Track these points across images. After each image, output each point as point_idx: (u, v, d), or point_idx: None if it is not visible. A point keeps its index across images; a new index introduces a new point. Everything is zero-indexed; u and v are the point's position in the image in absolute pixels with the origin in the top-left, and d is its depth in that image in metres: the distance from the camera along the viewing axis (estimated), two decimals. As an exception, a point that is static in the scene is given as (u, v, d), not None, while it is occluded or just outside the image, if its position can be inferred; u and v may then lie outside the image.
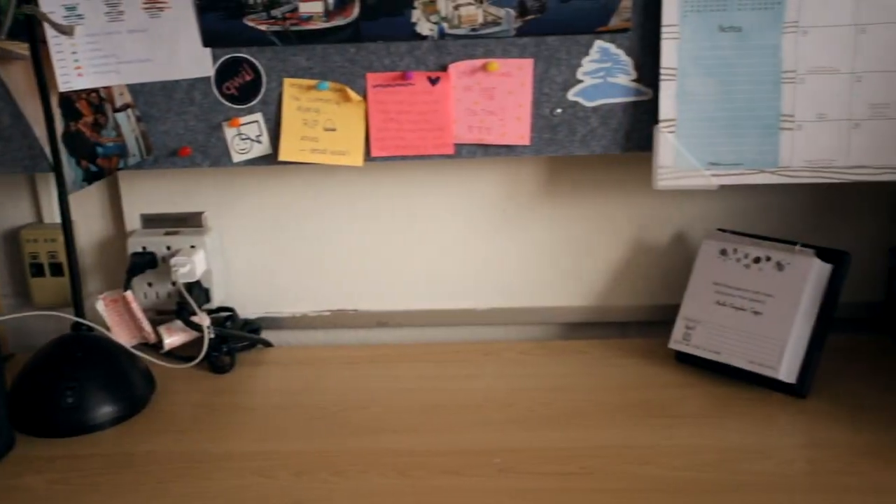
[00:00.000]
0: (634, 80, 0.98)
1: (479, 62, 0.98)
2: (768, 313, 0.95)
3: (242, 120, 1.02)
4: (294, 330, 1.16)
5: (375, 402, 0.98)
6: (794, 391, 0.94)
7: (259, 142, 1.03)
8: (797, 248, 0.96)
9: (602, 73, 0.98)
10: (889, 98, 0.94)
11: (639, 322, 1.13)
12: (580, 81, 0.98)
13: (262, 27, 0.98)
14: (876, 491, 0.79)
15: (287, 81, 1.00)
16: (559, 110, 0.99)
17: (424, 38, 0.98)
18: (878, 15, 0.92)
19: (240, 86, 1.01)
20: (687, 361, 1.01)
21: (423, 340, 1.14)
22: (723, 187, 0.98)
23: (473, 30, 0.97)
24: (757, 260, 0.98)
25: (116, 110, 1.02)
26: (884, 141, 0.95)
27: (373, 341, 1.16)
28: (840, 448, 0.85)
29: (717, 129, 0.96)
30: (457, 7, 0.96)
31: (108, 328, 1.07)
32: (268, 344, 1.13)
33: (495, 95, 0.99)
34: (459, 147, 1.01)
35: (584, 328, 1.14)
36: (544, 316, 1.14)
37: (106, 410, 0.95)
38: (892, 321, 1.07)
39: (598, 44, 0.97)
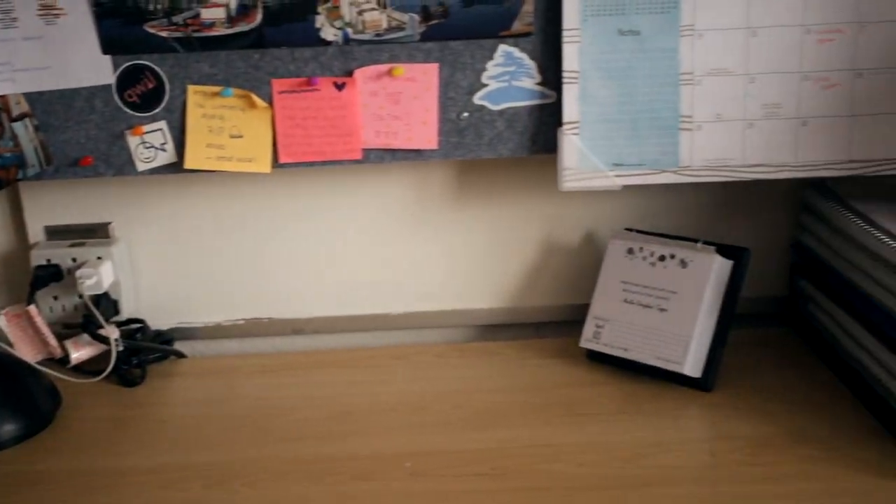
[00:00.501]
0: (539, 84, 0.99)
1: (384, 67, 0.98)
2: (673, 310, 0.97)
3: (146, 128, 1.00)
4: (208, 340, 1.15)
5: (290, 410, 0.98)
6: (700, 385, 0.96)
7: (164, 150, 1.01)
8: (699, 245, 0.98)
9: (507, 76, 0.99)
10: (781, 99, 0.97)
11: (553, 322, 1.15)
12: (485, 85, 0.99)
13: (164, 34, 0.96)
14: (775, 480, 0.81)
15: (191, 88, 0.99)
16: (465, 114, 1.00)
17: (329, 43, 0.97)
18: (768, 18, 0.95)
19: (142, 93, 0.99)
20: (598, 359, 1.03)
21: (339, 346, 1.14)
22: (628, 187, 1.00)
23: (378, 35, 0.97)
24: (662, 258, 1.00)
25: (13, 120, 0.99)
26: (777, 140, 0.98)
27: (288, 349, 1.15)
28: (742, 440, 0.87)
29: (620, 131, 0.98)
30: (360, 12, 0.96)
31: (10, 344, 1.04)
32: (180, 355, 1.12)
33: (401, 100, 0.99)
34: (367, 152, 1.01)
35: (499, 330, 1.15)
36: (459, 319, 1.14)
37: (7, 429, 0.93)
38: (794, 315, 1.11)
39: (502, 48, 0.98)
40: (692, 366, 0.95)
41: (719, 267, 0.97)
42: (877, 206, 0.99)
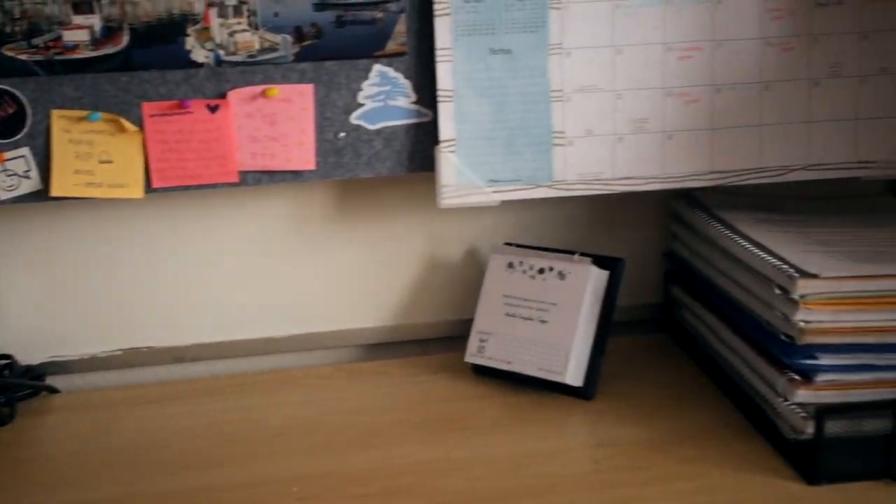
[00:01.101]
0: (414, 103, 1.00)
1: (258, 88, 0.97)
2: (554, 321, 1.00)
3: (7, 155, 0.96)
4: (84, 373, 1.10)
5: (173, 440, 0.95)
6: (581, 394, 0.98)
7: (28, 177, 0.97)
8: (576, 257, 1.01)
9: (382, 96, 1.00)
10: (647, 113, 1.01)
11: (439, 338, 1.15)
12: (361, 105, 1.00)
13: (23, 56, 0.93)
14: (655, 481, 0.84)
15: (55, 113, 0.96)
16: (343, 134, 1.00)
17: (200, 65, 0.96)
18: (631, 37, 0.99)
19: (2, 119, 0.95)
20: (483, 373, 1.04)
21: (222, 373, 1.11)
22: (506, 202, 1.02)
23: (251, 56, 0.96)
24: (541, 271, 1.02)
25: None
26: (645, 153, 1.01)
27: (169, 378, 1.12)
28: (624, 445, 0.90)
29: (495, 148, 1.00)
30: (232, 34, 0.95)
31: None
32: (53, 390, 1.07)
33: (277, 121, 0.98)
34: (244, 174, 1.00)
35: (386, 348, 1.15)
36: (344, 339, 1.14)
37: None
38: (668, 321, 1.15)
39: (377, 68, 0.99)
40: (573, 375, 0.98)
41: (596, 278, 0.99)
42: (738, 214, 1.04)
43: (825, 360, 0.83)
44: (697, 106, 1.02)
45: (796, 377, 0.84)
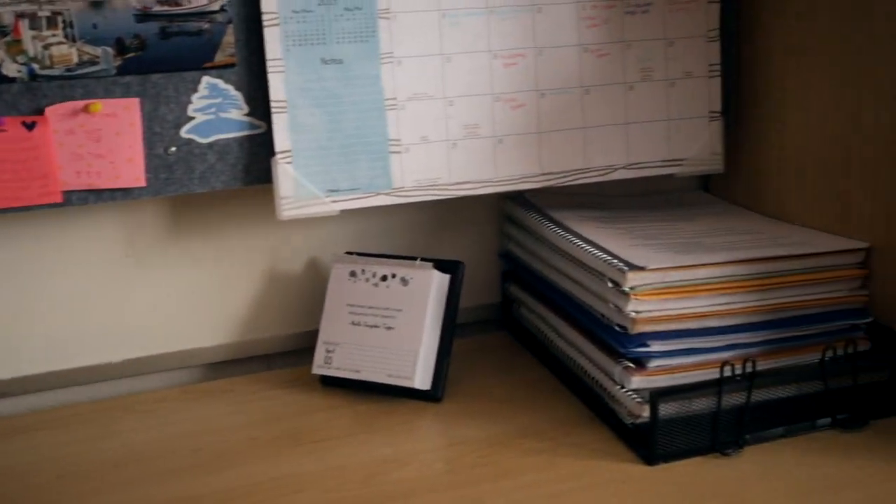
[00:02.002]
0: (247, 115, 0.99)
1: (79, 104, 0.93)
2: (399, 327, 1.01)
3: None
4: None
5: (9, 478, 0.89)
6: (430, 397, 1.00)
7: None
8: (417, 262, 1.03)
9: (213, 108, 0.97)
10: (477, 119, 1.04)
11: (284, 352, 1.14)
12: (192, 118, 0.97)
13: None
14: (506, 476, 0.86)
15: None
16: (173, 149, 0.97)
17: (13, 80, 0.90)
18: (459, 45, 1.02)
19: None
20: (331, 384, 1.04)
21: (54, 405, 1.05)
22: (346, 211, 1.02)
23: (69, 70, 0.92)
24: (384, 278, 1.03)
25: None
26: (478, 157, 1.04)
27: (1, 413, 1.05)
28: (474, 443, 0.92)
29: (332, 158, 1.00)
30: (46, 47, 0.90)
31: None
32: None
33: (102, 137, 0.94)
34: (69, 194, 0.95)
35: (229, 366, 1.12)
36: (185, 360, 1.10)
37: None
38: (508, 319, 1.19)
39: (206, 80, 0.96)
40: (421, 379, 0.99)
41: (438, 281, 1.01)
42: (567, 213, 1.09)
43: (656, 346, 0.89)
44: (524, 110, 1.06)
45: (631, 365, 0.90)
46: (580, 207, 1.14)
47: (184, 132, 0.97)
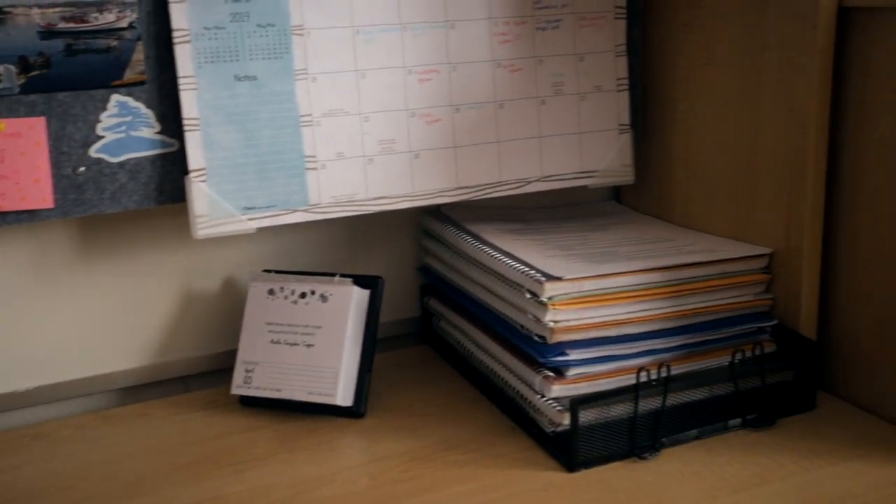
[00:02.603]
0: (159, 133, 0.97)
1: (-19, 124, 0.90)
2: (320, 344, 1.00)
3: None
4: None
5: None
6: (353, 413, 1.00)
7: None
8: (337, 279, 1.02)
9: (124, 127, 0.95)
10: (393, 135, 1.04)
11: (201, 373, 1.12)
12: (101, 137, 0.95)
13: None
14: (430, 489, 0.86)
15: None
16: (82, 168, 0.95)
17: None
18: (373, 61, 1.02)
19: None
20: (252, 404, 1.02)
21: (-42, 437, 1.01)
22: (263, 228, 1.01)
23: (-30, 89, 0.89)
24: (303, 295, 1.02)
25: None
26: (395, 173, 1.05)
27: None
28: (398, 458, 0.92)
29: (248, 175, 0.99)
30: (-55, 65, 0.87)
31: None
32: None
33: (6, 158, 0.91)
34: (-29, 217, 0.92)
35: (145, 389, 1.10)
36: (97, 385, 1.07)
37: None
38: (428, 332, 1.19)
39: (116, 98, 0.94)
40: (343, 395, 0.99)
41: (358, 297, 1.01)
42: (484, 226, 1.11)
43: (574, 355, 0.91)
44: (440, 125, 1.07)
45: (550, 374, 0.91)
46: (496, 220, 1.15)
47: (93, 151, 0.95)
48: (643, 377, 0.89)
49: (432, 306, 1.17)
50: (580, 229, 1.14)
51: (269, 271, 1.06)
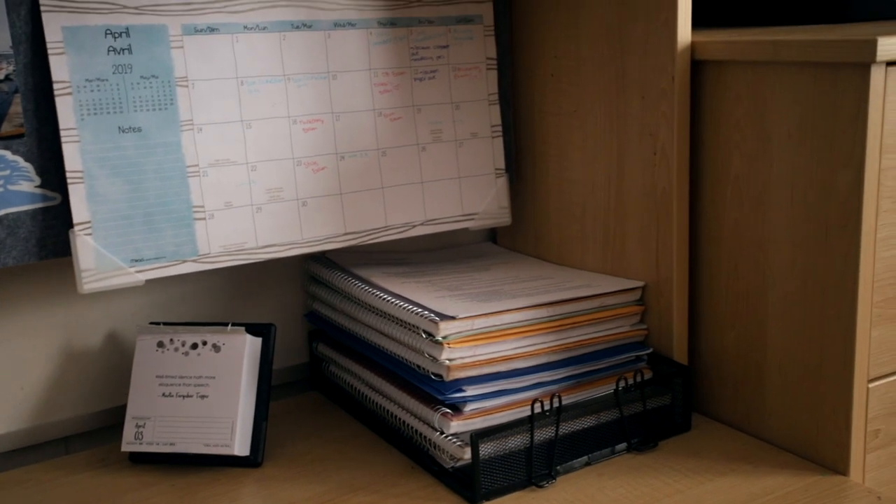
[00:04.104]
0: (39, 186, 0.94)
1: None
2: (214, 395, 0.99)
3: None
4: None
5: None
6: (250, 462, 0.99)
7: None
8: (229, 328, 1.02)
9: (2, 181, 0.92)
10: (281, 183, 1.06)
11: (85, 432, 1.08)
12: (-23, 192, 0.91)
13: None
14: (336, 532, 0.87)
15: None
16: (-43, 225, 0.91)
17: None
18: (259, 112, 1.04)
19: None
20: (144, 461, 1.00)
21: None
22: (150, 280, 0.99)
23: None
24: (195, 346, 1.01)
25: None
26: (283, 221, 1.06)
27: None
28: (298, 504, 0.92)
29: (135, 227, 0.97)
30: None
31: None
32: None
33: None
34: None
35: (20, 455, 1.04)
36: (-28, 452, 1.02)
37: None
38: (318, 378, 1.20)
39: (-7, 151, 0.92)
40: (240, 445, 0.98)
41: (251, 346, 1.01)
42: (371, 270, 1.13)
43: (471, 391, 0.94)
44: (325, 173, 1.09)
45: (448, 411, 0.94)
46: (381, 264, 1.18)
47: (-32, 207, 0.91)
48: (537, 408, 0.93)
49: (322, 352, 1.18)
50: (463, 270, 1.18)
51: (156, 323, 1.05)
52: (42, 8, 0.92)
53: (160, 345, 1.02)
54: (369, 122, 1.12)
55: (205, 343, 1.01)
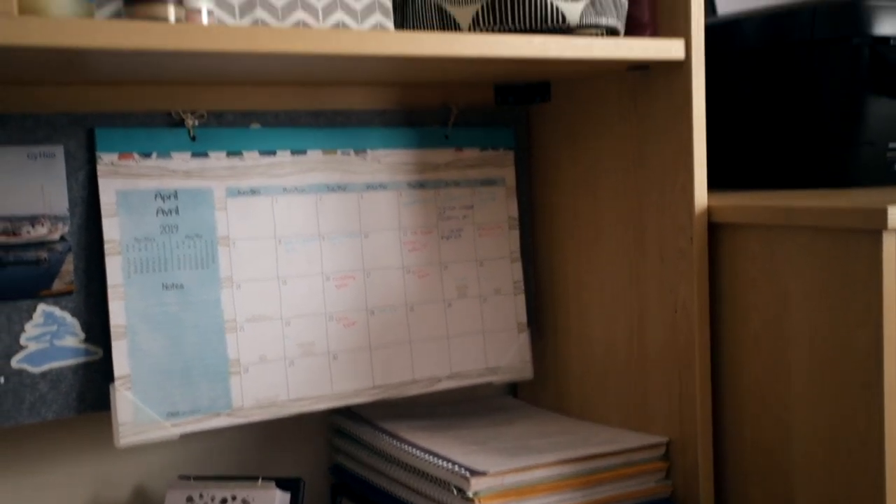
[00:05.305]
0: (83, 341, 0.97)
1: None
2: (241, 551, 0.99)
3: None
4: None
5: None
6: None
7: None
8: (259, 482, 1.02)
9: (48, 336, 0.95)
10: (313, 337, 1.09)
11: (103, 591, 1.06)
12: (24, 347, 0.94)
13: None
14: None
15: None
16: (1, 380, 0.93)
17: None
18: (294, 269, 1.08)
19: None
20: None
21: None
22: (182, 434, 1.01)
23: None
24: (224, 501, 1.01)
25: None
26: (314, 374, 1.08)
27: None
28: None
29: (172, 381, 1.00)
30: None
31: None
32: None
33: (-76, 371, 0.89)
34: None
35: None
36: None
37: None
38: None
39: (42, 308, 0.95)
40: None
41: (280, 501, 1.01)
42: (396, 423, 1.14)
43: (501, 549, 0.94)
44: (356, 328, 1.12)
45: (479, 569, 0.94)
46: (405, 417, 1.19)
47: (15, 362, 0.94)
48: (569, 567, 0.93)
49: (345, 506, 1.18)
50: (487, 424, 1.19)
51: (186, 477, 1.05)
52: (99, 173, 0.97)
53: (189, 500, 1.02)
54: (398, 278, 1.16)
55: (234, 498, 1.01)
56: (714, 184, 1.14)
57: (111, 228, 0.98)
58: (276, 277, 1.08)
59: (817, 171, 1.22)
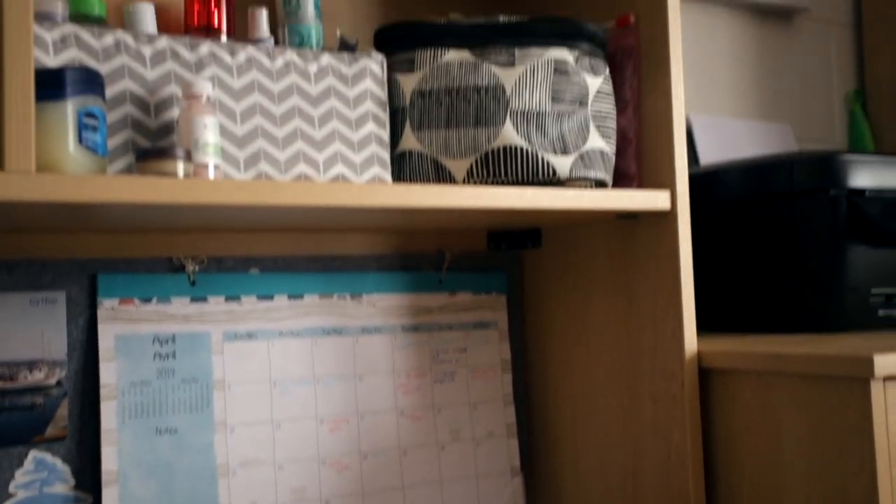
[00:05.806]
0: (73, 488, 0.96)
1: None
2: None
3: None
4: None
5: None
6: None
7: None
8: None
9: (38, 483, 0.94)
10: (305, 482, 1.08)
11: None
12: (13, 495, 0.93)
13: None
14: None
15: None
16: (-12, 528, 0.92)
17: None
18: (289, 413, 1.08)
19: None
20: None
21: None
22: (167, 586, 0.98)
23: None
24: None
25: None
26: (309, 522, 1.07)
27: None
28: None
29: (162, 529, 0.98)
30: None
31: None
32: None
33: (-90, 520, 0.88)
34: None
35: None
36: None
37: None
38: None
39: (34, 454, 0.94)
40: None
41: None
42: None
43: None
44: (349, 472, 1.11)
45: None
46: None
47: (3, 509, 0.93)
48: None
49: None
50: (481, 573, 1.17)
51: None
52: (99, 318, 0.99)
53: None
54: (392, 422, 1.16)
55: None
56: (704, 326, 1.16)
57: (108, 373, 0.99)
58: (269, 421, 1.08)
59: (804, 316, 1.25)
